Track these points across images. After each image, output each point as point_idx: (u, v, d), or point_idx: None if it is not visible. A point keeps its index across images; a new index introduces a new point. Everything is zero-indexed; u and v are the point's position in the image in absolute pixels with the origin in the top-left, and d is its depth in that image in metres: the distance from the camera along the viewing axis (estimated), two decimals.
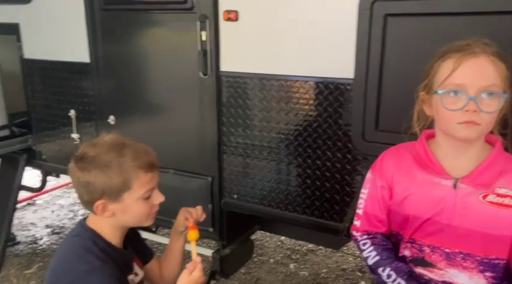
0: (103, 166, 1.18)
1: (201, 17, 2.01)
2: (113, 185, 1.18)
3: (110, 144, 1.21)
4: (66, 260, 1.20)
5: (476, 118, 1.08)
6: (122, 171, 1.18)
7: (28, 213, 4.12)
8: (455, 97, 1.10)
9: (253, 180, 2.11)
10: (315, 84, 1.84)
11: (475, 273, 1.17)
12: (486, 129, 1.12)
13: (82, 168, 1.19)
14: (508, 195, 1.12)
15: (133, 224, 1.31)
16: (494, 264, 1.16)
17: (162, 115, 2.31)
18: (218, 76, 2.06)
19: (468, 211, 1.15)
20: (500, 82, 1.09)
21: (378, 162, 1.33)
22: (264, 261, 3.27)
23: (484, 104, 1.07)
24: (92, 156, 1.19)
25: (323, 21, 1.76)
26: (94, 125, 2.55)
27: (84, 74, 2.51)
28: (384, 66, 1.65)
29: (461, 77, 1.09)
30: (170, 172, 2.28)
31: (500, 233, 1.13)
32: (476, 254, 1.16)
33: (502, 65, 1.10)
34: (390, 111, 1.67)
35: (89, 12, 2.37)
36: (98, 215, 1.23)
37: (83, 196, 1.22)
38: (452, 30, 1.50)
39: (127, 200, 1.21)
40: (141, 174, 1.21)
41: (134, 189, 1.20)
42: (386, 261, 1.26)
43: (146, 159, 1.23)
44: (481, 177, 1.14)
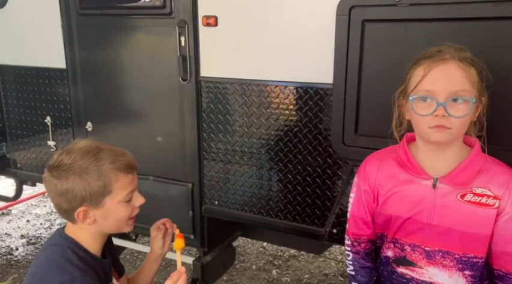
0: (80, 172, 1.15)
1: (180, 23, 2.00)
2: (93, 190, 1.15)
3: (86, 149, 1.18)
4: (44, 271, 1.16)
5: (446, 123, 1.12)
6: (101, 174, 1.16)
7: (2, 223, 4.00)
8: (425, 103, 1.14)
9: (234, 186, 2.09)
10: (295, 89, 1.84)
11: (454, 271, 1.20)
12: (458, 132, 1.15)
13: (58, 176, 1.16)
14: (485, 195, 1.15)
15: (114, 230, 1.27)
16: (472, 262, 1.18)
17: (141, 121, 2.27)
18: (198, 81, 2.04)
19: (447, 210, 1.18)
20: (469, 87, 1.12)
21: (362, 166, 1.37)
22: (246, 268, 3.25)
23: (453, 109, 1.11)
24: (68, 163, 1.16)
25: (302, 27, 1.77)
26: (71, 132, 2.50)
27: (60, 80, 2.46)
28: (362, 71, 1.66)
29: (431, 84, 1.13)
30: (150, 179, 2.25)
31: (478, 232, 1.16)
32: (455, 252, 1.19)
33: (472, 71, 1.13)
34: (369, 115, 1.69)
35: (65, 16, 2.33)
36: (79, 223, 1.20)
37: (61, 205, 1.19)
38: (429, 36, 1.53)
39: (108, 205, 1.18)
40: (121, 176, 1.19)
41: (115, 192, 1.18)
42: (359, 279, 1.36)
43: (124, 160, 1.21)
44: (459, 177, 1.17)
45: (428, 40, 1.51)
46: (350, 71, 1.68)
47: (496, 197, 1.14)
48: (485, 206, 1.14)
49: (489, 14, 1.42)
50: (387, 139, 1.46)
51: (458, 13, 1.47)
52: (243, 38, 1.91)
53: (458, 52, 1.15)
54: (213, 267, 2.35)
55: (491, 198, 1.14)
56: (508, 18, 1.40)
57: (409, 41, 1.56)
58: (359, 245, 1.37)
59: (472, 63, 1.13)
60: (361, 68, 1.66)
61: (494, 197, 1.14)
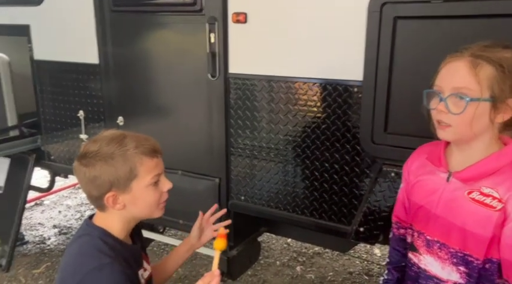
0: (107, 158, 1.18)
1: (210, 19, 2.02)
2: (120, 174, 1.19)
3: (111, 137, 1.22)
4: (75, 261, 1.20)
5: (444, 118, 1.13)
6: (126, 159, 1.19)
7: (36, 213, 4.16)
8: (434, 97, 1.16)
9: (261, 181, 2.11)
10: (323, 86, 1.84)
11: (447, 264, 1.21)
12: (461, 130, 1.12)
13: (86, 164, 1.20)
14: (490, 195, 1.12)
15: (144, 216, 1.30)
16: (467, 260, 1.17)
17: (171, 117, 2.31)
18: (226, 78, 2.06)
19: (452, 204, 1.18)
20: (473, 86, 1.08)
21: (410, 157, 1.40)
22: (271, 263, 3.27)
23: (454, 105, 1.10)
24: (94, 151, 1.19)
25: (332, 23, 1.76)
26: (103, 126, 2.56)
27: (93, 75, 2.52)
28: (393, 68, 1.64)
29: (440, 79, 1.15)
30: (178, 173, 2.29)
31: (476, 231, 1.14)
32: (451, 246, 1.19)
33: (486, 69, 1.08)
34: (399, 113, 1.67)
35: (98, 13, 2.39)
36: (109, 210, 1.23)
37: (91, 192, 1.22)
38: (461, 33, 1.50)
39: (135, 189, 1.21)
40: (146, 160, 1.21)
41: (141, 175, 1.21)
42: (390, 259, 1.45)
43: (148, 144, 1.24)
44: (467, 173, 1.16)
45: (461, 38, 1.48)
46: (381, 68, 1.66)
47: (500, 200, 1.10)
48: (488, 206, 1.11)
49: None
50: (418, 137, 1.45)
51: (492, 10, 1.44)
52: (272, 35, 1.91)
53: (483, 48, 1.11)
54: (239, 261, 2.37)
55: (496, 200, 1.11)
56: None
57: (442, 39, 1.53)
58: (398, 230, 1.43)
59: (490, 61, 1.08)
60: (392, 65, 1.64)
61: (499, 200, 1.10)
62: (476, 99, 1.08)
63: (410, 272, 1.33)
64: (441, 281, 1.23)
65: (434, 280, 1.24)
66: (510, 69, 1.09)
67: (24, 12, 2.71)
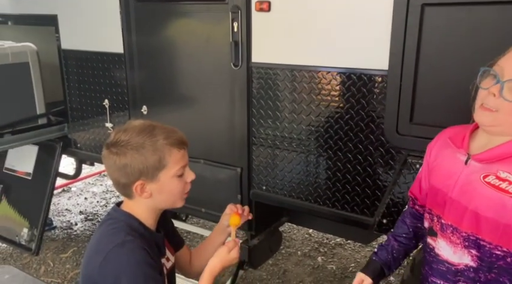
0: (138, 147, 1.22)
1: (233, 8, 2.01)
2: (149, 164, 1.22)
3: (141, 127, 1.26)
4: (100, 241, 1.25)
5: (492, 102, 1.07)
6: (156, 149, 1.23)
7: (63, 199, 4.28)
8: (490, 78, 1.09)
9: (282, 172, 2.10)
10: (347, 75, 1.81)
11: (459, 248, 1.18)
12: (506, 119, 1.08)
13: (117, 152, 1.23)
14: (507, 180, 1.08)
15: (168, 205, 1.34)
16: (480, 244, 1.14)
17: (193, 106, 2.33)
18: (249, 67, 2.05)
19: (468, 188, 1.15)
20: None
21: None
22: (292, 253, 3.27)
23: (509, 91, 1.05)
24: (125, 140, 1.23)
25: (357, 11, 1.72)
26: (127, 115, 2.60)
27: (118, 64, 2.56)
28: (420, 57, 1.60)
29: (504, 61, 1.09)
30: (200, 162, 2.30)
31: (490, 216, 1.10)
32: (463, 230, 1.17)
33: None
34: (426, 103, 1.63)
35: (123, 3, 2.41)
36: (136, 197, 1.27)
37: (120, 180, 1.26)
38: (491, 20, 1.44)
39: (163, 179, 1.25)
40: (174, 151, 1.26)
41: (169, 166, 1.25)
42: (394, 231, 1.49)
43: (177, 136, 1.28)
44: (486, 154, 1.12)
45: (491, 25, 1.43)
46: (407, 57, 1.62)
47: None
48: (504, 191, 1.07)
49: None
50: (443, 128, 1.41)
51: None
52: (295, 24, 1.89)
53: None
54: (260, 250, 2.38)
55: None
56: None
57: (472, 26, 1.48)
58: (414, 205, 1.43)
59: None
60: (419, 54, 1.60)
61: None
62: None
63: (429, 257, 1.31)
64: (452, 265, 1.21)
65: (445, 265, 1.23)
66: None
67: (52, 3, 2.76)
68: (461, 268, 1.19)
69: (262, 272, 3.02)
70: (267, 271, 3.05)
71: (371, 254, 1.49)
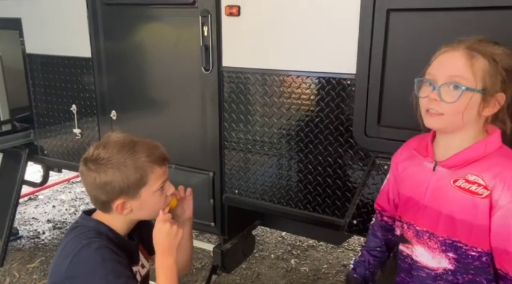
0: (119, 165, 1.20)
1: (203, 12, 2.01)
2: (130, 182, 1.21)
3: (121, 143, 1.24)
4: (66, 247, 1.22)
5: (436, 107, 1.13)
6: (138, 167, 1.21)
7: (30, 208, 4.14)
8: (426, 86, 1.17)
9: (255, 175, 2.11)
10: (316, 79, 1.84)
11: (437, 253, 1.22)
12: (452, 119, 1.13)
13: (96, 169, 1.21)
14: (476, 183, 1.13)
15: (148, 218, 1.33)
16: (456, 246, 1.18)
17: (164, 111, 2.31)
18: (220, 71, 2.05)
19: (439, 193, 1.19)
20: (468, 76, 1.09)
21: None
22: (265, 256, 3.28)
23: (447, 94, 1.11)
24: (106, 157, 1.21)
25: (326, 16, 1.76)
26: (96, 120, 2.55)
27: (86, 69, 2.51)
28: (386, 61, 1.64)
29: (434, 68, 1.16)
30: (172, 167, 2.28)
31: (463, 218, 1.15)
32: (440, 234, 1.20)
33: (481, 61, 1.10)
34: (392, 106, 1.67)
35: (91, 6, 2.37)
36: (117, 214, 1.26)
37: (99, 197, 1.24)
38: (454, 25, 1.50)
39: (144, 195, 1.24)
40: (156, 168, 1.25)
41: (150, 183, 1.24)
42: (367, 245, 1.50)
43: (159, 153, 1.27)
44: (452, 160, 1.17)
45: (454, 30, 1.49)
46: (374, 61, 1.66)
47: (486, 187, 1.11)
48: (474, 194, 1.12)
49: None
50: (410, 130, 1.45)
51: (486, 2, 1.44)
52: (265, 28, 1.91)
53: (477, 42, 1.13)
54: (233, 255, 2.38)
55: (482, 187, 1.11)
56: None
57: (435, 31, 1.53)
58: (382, 217, 1.47)
59: (484, 55, 1.10)
60: (385, 58, 1.64)
61: (485, 187, 1.11)
62: (472, 89, 1.09)
63: (403, 265, 1.33)
64: (432, 270, 1.24)
65: (425, 271, 1.26)
66: (501, 64, 1.11)
67: (16, 6, 2.68)
68: (440, 272, 1.22)
69: (235, 277, 3.01)
70: (241, 275, 3.05)
71: (350, 272, 1.49)
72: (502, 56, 1.12)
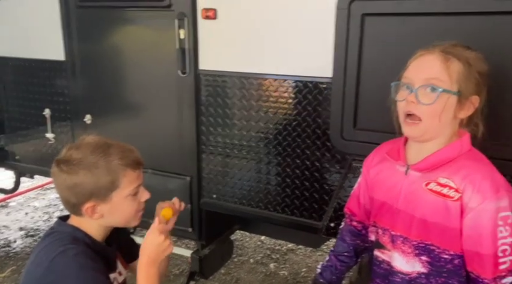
0: (90, 167, 1.17)
1: (179, 15, 1.99)
2: (101, 184, 1.18)
3: (95, 145, 1.21)
4: (40, 254, 1.18)
5: (413, 109, 1.14)
6: (110, 170, 1.18)
7: (1, 215, 4.01)
8: (404, 90, 1.18)
9: (233, 179, 2.09)
10: (294, 83, 1.84)
11: (411, 257, 1.22)
12: (429, 124, 1.14)
13: (68, 170, 1.18)
14: (447, 185, 1.14)
15: (121, 224, 1.29)
16: (429, 249, 1.19)
17: (140, 114, 2.27)
18: (197, 74, 2.04)
19: (412, 197, 1.20)
20: (444, 78, 1.11)
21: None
22: (244, 261, 3.26)
23: (424, 97, 1.13)
24: (78, 158, 1.18)
25: (302, 20, 1.77)
26: (70, 124, 2.50)
27: (59, 72, 2.45)
28: (362, 65, 1.66)
29: (410, 72, 1.18)
30: (148, 172, 2.24)
31: (435, 221, 1.16)
32: (413, 239, 1.21)
33: (456, 64, 1.12)
34: (368, 109, 1.69)
35: (64, 9, 2.32)
36: (87, 218, 1.22)
37: (69, 199, 1.20)
38: (427, 30, 1.53)
39: (115, 199, 1.21)
40: (129, 171, 1.21)
41: (123, 187, 1.21)
42: (335, 250, 1.51)
43: (133, 156, 1.24)
44: (424, 163, 1.18)
45: (428, 35, 1.51)
46: (350, 65, 1.68)
47: (457, 189, 1.12)
48: (445, 196, 1.14)
49: (490, 9, 1.42)
50: (386, 133, 1.47)
51: (457, 7, 1.47)
52: (242, 31, 1.90)
53: (451, 46, 1.15)
54: (211, 260, 2.36)
55: (453, 190, 1.13)
56: (506, 13, 1.40)
57: (409, 36, 1.55)
58: (351, 221, 1.48)
59: (459, 58, 1.13)
60: (360, 62, 1.66)
61: (456, 190, 1.12)
62: (448, 91, 1.11)
63: (379, 270, 1.33)
64: (406, 275, 1.24)
65: (399, 276, 1.26)
66: (475, 68, 1.13)
67: None
68: (414, 276, 1.22)
69: (214, 282, 2.98)
70: (219, 280, 3.02)
71: (316, 275, 1.50)
72: (475, 60, 1.14)
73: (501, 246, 1.09)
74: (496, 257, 1.09)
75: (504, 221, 1.09)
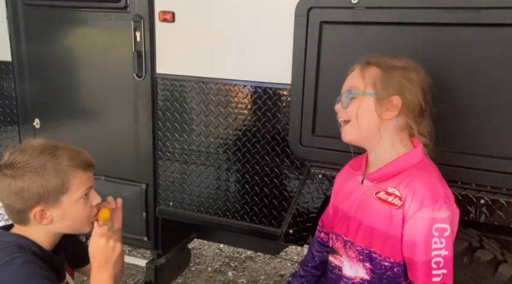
0: (38, 169, 1.11)
1: (135, 17, 1.94)
2: (50, 187, 1.12)
3: (42, 147, 1.15)
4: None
5: (342, 114, 1.25)
6: (59, 171, 1.13)
7: None
8: (338, 103, 1.28)
9: (191, 186, 2.05)
10: (253, 88, 1.83)
11: (355, 262, 1.25)
12: (355, 126, 1.21)
13: (12, 175, 1.11)
14: (393, 194, 1.17)
15: (72, 231, 1.23)
16: (372, 257, 1.21)
17: (93, 119, 2.18)
18: (153, 78, 1.99)
19: (362, 204, 1.24)
20: (360, 84, 1.21)
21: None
22: (202, 270, 3.20)
23: (344, 101, 1.24)
24: (23, 161, 1.11)
25: (262, 26, 1.76)
26: (17, 129, 2.36)
27: (5, 73, 2.32)
28: (320, 72, 1.68)
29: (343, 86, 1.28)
30: (101, 179, 2.15)
31: (380, 228, 1.18)
32: (358, 244, 1.24)
33: (373, 71, 1.20)
34: (326, 116, 1.70)
35: (10, 7, 2.20)
36: (34, 225, 1.15)
37: (14, 205, 1.13)
38: (384, 39, 1.56)
39: (65, 203, 1.15)
40: (79, 173, 1.16)
41: (73, 189, 1.15)
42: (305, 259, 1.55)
43: (83, 157, 1.19)
44: (376, 173, 1.22)
45: (383, 43, 1.56)
46: (308, 72, 1.69)
47: (400, 198, 1.15)
48: (390, 204, 1.16)
49: (440, 20, 1.48)
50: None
51: (411, 18, 1.52)
52: (201, 35, 1.87)
53: (379, 57, 1.23)
54: (167, 270, 2.29)
55: (397, 198, 1.15)
56: (457, 24, 1.46)
57: (365, 44, 1.58)
58: (320, 233, 1.50)
59: (377, 64, 1.20)
60: (319, 69, 1.67)
61: (399, 198, 1.15)
62: (360, 93, 1.20)
63: (331, 275, 1.34)
64: (350, 280, 1.26)
65: (344, 280, 1.28)
66: (399, 72, 1.19)
67: None
68: (357, 282, 1.25)
69: None
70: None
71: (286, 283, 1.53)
72: (400, 66, 1.20)
73: (435, 258, 1.10)
74: (428, 267, 1.11)
75: (440, 232, 1.10)
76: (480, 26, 1.43)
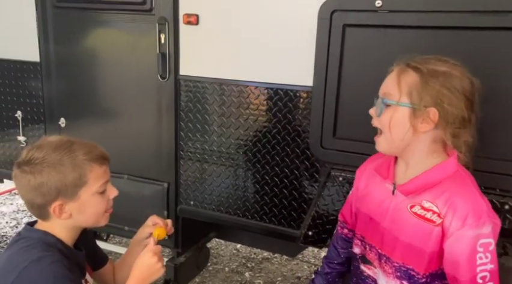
0: (55, 164, 1.14)
1: (160, 20, 1.97)
2: (68, 181, 1.15)
3: (57, 143, 1.18)
4: (9, 261, 1.13)
5: (375, 122, 1.19)
6: (76, 165, 1.15)
7: None
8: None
9: (211, 186, 2.07)
10: (274, 90, 1.85)
11: (391, 278, 1.22)
12: (388, 137, 1.16)
13: (31, 171, 1.14)
14: (431, 210, 1.12)
15: (90, 224, 1.26)
16: (410, 275, 1.18)
17: (117, 119, 2.23)
18: (177, 79, 2.02)
19: (397, 218, 1.19)
20: (393, 91, 1.13)
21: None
22: (219, 270, 3.22)
23: (377, 108, 1.18)
24: (40, 157, 1.14)
25: (284, 28, 1.78)
26: (43, 127, 2.42)
27: (33, 73, 2.38)
28: (342, 75, 1.68)
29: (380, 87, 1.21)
30: (124, 177, 2.20)
31: (418, 245, 1.15)
32: (395, 260, 1.20)
33: (410, 76, 1.11)
34: (348, 119, 1.71)
35: (40, 9, 2.27)
36: (54, 219, 1.18)
37: (35, 200, 1.16)
38: (407, 42, 1.56)
39: (83, 197, 1.18)
40: (95, 167, 1.19)
41: (90, 183, 1.18)
42: (328, 255, 1.54)
43: (98, 151, 1.21)
44: (408, 186, 1.16)
45: (406, 46, 1.55)
46: (330, 74, 1.69)
47: (439, 214, 1.11)
48: (429, 221, 1.12)
49: (465, 24, 1.47)
50: (365, 142, 1.49)
51: (434, 21, 1.51)
52: (224, 38, 1.90)
53: (420, 59, 1.14)
54: (186, 268, 2.32)
55: (436, 215, 1.11)
56: (482, 28, 1.45)
57: (388, 47, 1.58)
58: (342, 229, 1.48)
59: (417, 69, 1.11)
60: (341, 71, 1.68)
61: (438, 215, 1.11)
62: (394, 103, 1.13)
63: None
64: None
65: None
66: (437, 80, 1.09)
67: None
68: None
69: None
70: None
71: (309, 282, 1.52)
72: (444, 72, 1.10)
73: (480, 273, 1.08)
74: (474, 283, 1.08)
75: (484, 248, 1.07)
76: (509, 30, 1.42)
